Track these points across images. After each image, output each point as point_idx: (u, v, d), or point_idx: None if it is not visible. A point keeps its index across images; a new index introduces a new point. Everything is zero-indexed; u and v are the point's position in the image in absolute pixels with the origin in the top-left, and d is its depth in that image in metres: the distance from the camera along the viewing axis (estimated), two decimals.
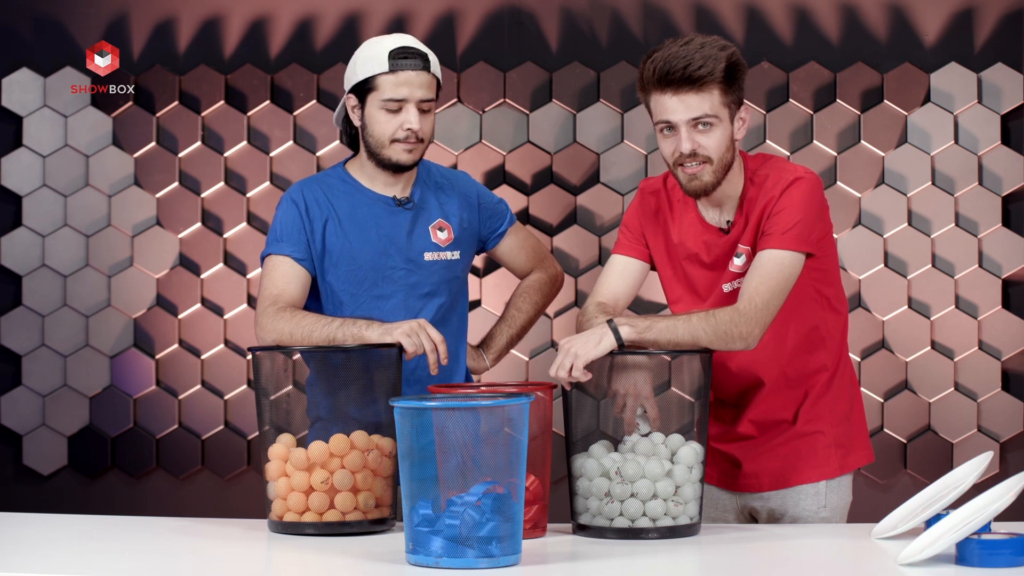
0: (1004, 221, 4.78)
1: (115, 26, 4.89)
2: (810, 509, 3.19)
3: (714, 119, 3.01)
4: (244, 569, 2.69)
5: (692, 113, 2.99)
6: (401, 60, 3.18)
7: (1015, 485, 2.54)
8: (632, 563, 2.63)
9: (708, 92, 3.00)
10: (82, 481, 4.91)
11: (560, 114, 4.84)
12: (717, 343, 2.96)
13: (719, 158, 3.03)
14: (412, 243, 3.26)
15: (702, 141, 3.01)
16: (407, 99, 3.18)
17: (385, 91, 3.18)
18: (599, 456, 2.88)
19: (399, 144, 3.20)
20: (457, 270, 3.32)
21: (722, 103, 3.01)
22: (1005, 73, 4.76)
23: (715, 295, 3.15)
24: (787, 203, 3.04)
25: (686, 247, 3.17)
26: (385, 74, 3.18)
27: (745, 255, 3.10)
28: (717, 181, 3.05)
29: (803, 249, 3.02)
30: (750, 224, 3.09)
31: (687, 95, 2.99)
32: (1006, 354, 4.79)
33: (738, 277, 3.10)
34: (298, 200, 3.24)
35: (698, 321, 2.96)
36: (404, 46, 3.19)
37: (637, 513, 2.83)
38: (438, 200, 3.32)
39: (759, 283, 3.00)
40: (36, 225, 4.89)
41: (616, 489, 2.84)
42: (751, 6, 4.81)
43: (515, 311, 3.49)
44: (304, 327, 3.06)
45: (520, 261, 3.48)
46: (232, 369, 4.88)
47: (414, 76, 3.18)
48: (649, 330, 2.91)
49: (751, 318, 2.97)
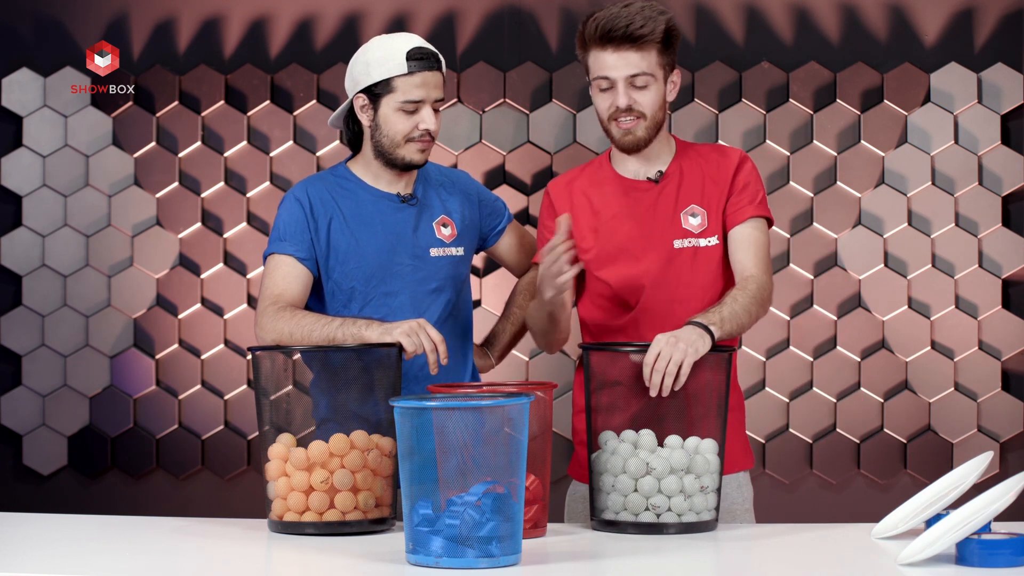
0: (1004, 221, 4.78)
1: (115, 26, 4.89)
2: (736, 500, 3.23)
3: (650, 78, 3.17)
4: (244, 569, 2.69)
5: (631, 70, 3.16)
6: (418, 61, 3.18)
7: (1015, 485, 2.54)
8: (632, 562, 2.63)
9: (647, 51, 3.16)
10: (82, 481, 4.91)
11: (560, 114, 4.84)
12: (759, 312, 3.14)
13: (652, 115, 3.20)
14: (418, 239, 3.27)
15: (638, 97, 3.18)
16: (424, 100, 3.19)
17: (403, 93, 3.18)
18: (624, 453, 2.89)
19: (413, 144, 3.21)
20: (462, 266, 3.33)
21: (658, 63, 3.18)
22: (1005, 73, 4.76)
23: (663, 252, 3.22)
24: (750, 176, 3.25)
25: (608, 208, 3.26)
26: (403, 76, 3.18)
27: (701, 216, 3.23)
28: (649, 138, 3.22)
29: (771, 217, 3.27)
30: (690, 182, 3.24)
31: (627, 52, 3.15)
32: (1006, 354, 4.79)
33: (692, 236, 3.23)
34: (302, 199, 3.24)
35: (744, 298, 3.10)
36: (419, 47, 3.19)
37: (663, 507, 2.85)
38: (440, 197, 3.33)
39: (758, 249, 3.21)
40: (36, 225, 4.89)
41: (644, 484, 2.85)
42: (751, 6, 4.81)
43: (516, 309, 3.50)
44: (304, 327, 3.06)
45: (518, 259, 3.49)
46: (232, 369, 4.87)
47: (430, 77, 3.20)
48: (724, 324, 3.01)
49: (769, 284, 3.19)
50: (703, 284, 3.22)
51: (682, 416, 2.92)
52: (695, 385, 2.92)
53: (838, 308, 4.80)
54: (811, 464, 4.79)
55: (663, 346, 2.89)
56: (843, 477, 4.80)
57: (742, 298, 3.08)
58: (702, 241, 3.22)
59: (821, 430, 4.80)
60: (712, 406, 2.93)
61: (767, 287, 3.16)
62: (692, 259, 3.21)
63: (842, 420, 4.79)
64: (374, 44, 3.23)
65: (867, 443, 4.79)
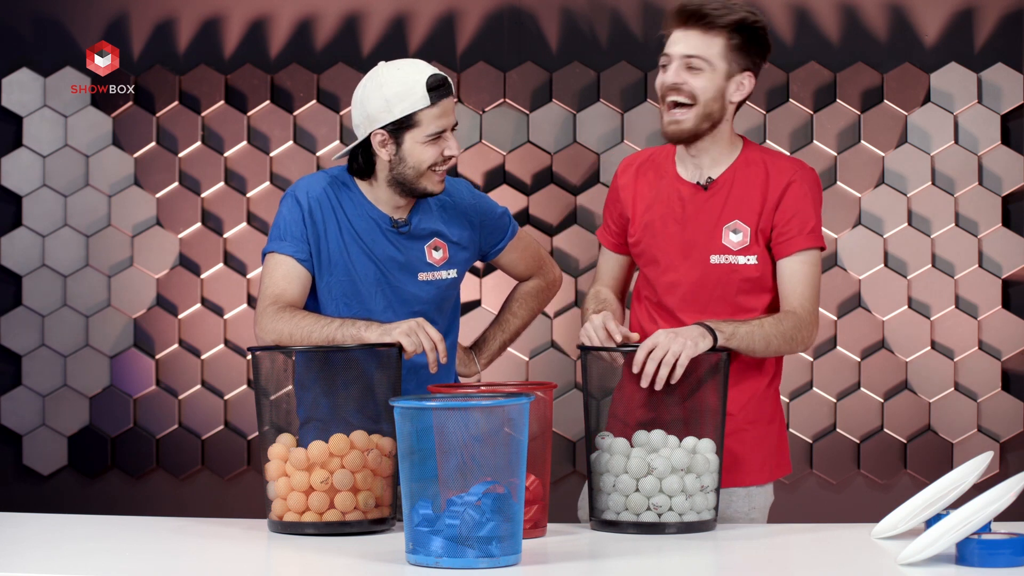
0: (1004, 221, 4.78)
1: (115, 26, 4.89)
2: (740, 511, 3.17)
3: (706, 64, 3.05)
4: (244, 569, 2.69)
5: (688, 50, 3.05)
6: (437, 91, 3.12)
7: (1015, 485, 2.54)
8: (633, 562, 2.63)
9: (712, 36, 3.05)
10: (82, 481, 4.91)
11: (560, 114, 4.84)
12: (785, 348, 3.03)
13: (704, 102, 3.06)
14: (406, 263, 3.23)
15: (689, 79, 3.05)
16: (446, 128, 3.15)
17: (428, 125, 3.12)
18: (624, 452, 2.89)
19: (434, 174, 3.15)
20: (451, 289, 3.29)
21: (722, 54, 3.05)
22: (1005, 73, 4.76)
23: (699, 265, 3.12)
24: (801, 201, 3.09)
25: (661, 204, 3.17)
26: (427, 109, 3.11)
27: (744, 234, 3.10)
28: (697, 129, 3.08)
29: (823, 244, 3.11)
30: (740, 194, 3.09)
31: (692, 31, 3.05)
32: (1006, 354, 4.79)
33: (730, 254, 3.10)
34: (302, 200, 3.22)
35: (770, 327, 3.01)
36: (435, 75, 3.13)
37: (665, 507, 2.85)
38: (436, 219, 3.27)
39: (804, 287, 3.07)
40: (36, 225, 4.89)
41: (646, 484, 2.85)
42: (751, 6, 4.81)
43: (510, 315, 3.48)
44: (304, 327, 3.06)
45: (519, 270, 3.46)
46: (232, 369, 4.88)
47: (448, 103, 3.15)
48: (733, 337, 2.95)
49: (810, 324, 3.06)
50: (740, 303, 3.11)
51: (681, 416, 2.92)
52: (692, 385, 2.92)
53: (838, 308, 4.80)
54: (811, 464, 4.79)
55: (661, 338, 2.89)
56: (843, 477, 4.80)
57: (769, 327, 3.01)
58: (740, 259, 3.10)
59: (821, 430, 4.80)
60: (710, 406, 2.93)
61: (805, 327, 3.05)
62: (728, 276, 3.11)
63: (842, 420, 4.79)
64: (388, 78, 3.13)
65: (867, 443, 4.79)
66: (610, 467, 2.89)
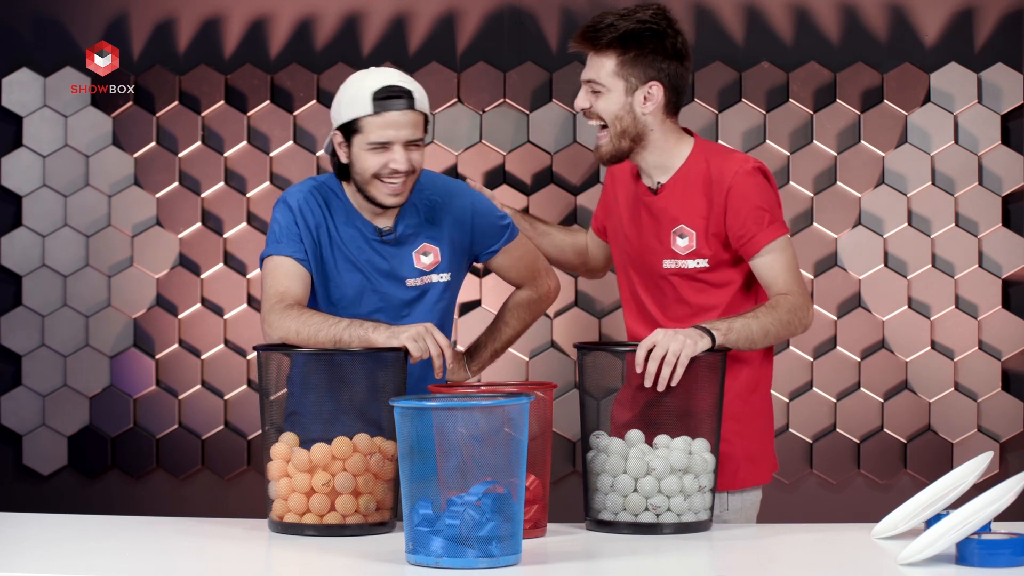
0: (1004, 221, 4.78)
1: (115, 26, 4.89)
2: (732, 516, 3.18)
3: (601, 86, 3.05)
4: (244, 569, 2.69)
5: (587, 74, 3.07)
6: (385, 101, 3.09)
7: (1015, 485, 2.54)
8: (633, 562, 2.63)
9: (602, 57, 3.05)
10: (82, 481, 4.91)
11: (560, 114, 4.84)
12: (784, 332, 3.03)
13: (612, 122, 3.06)
14: (394, 269, 3.22)
15: (594, 102, 3.07)
16: (392, 141, 3.10)
17: (370, 134, 3.09)
18: (621, 452, 2.89)
19: (383, 184, 3.13)
20: (443, 291, 3.27)
21: (614, 72, 3.04)
22: (1005, 73, 4.76)
23: (655, 269, 3.15)
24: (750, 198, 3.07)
25: (627, 210, 3.20)
26: (369, 116, 3.09)
27: (690, 238, 3.10)
28: (617, 149, 3.08)
29: (786, 230, 3.10)
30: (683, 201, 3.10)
31: (590, 56, 3.07)
32: (1006, 354, 4.79)
33: (679, 258, 3.11)
34: (293, 205, 3.22)
35: (765, 316, 3.00)
36: (388, 85, 3.10)
37: (663, 507, 2.85)
38: (426, 224, 3.24)
39: (785, 273, 3.07)
40: (36, 225, 4.89)
41: (645, 485, 2.85)
42: (751, 6, 4.81)
43: (502, 324, 3.45)
44: (311, 326, 3.05)
45: (511, 276, 3.42)
46: (232, 369, 4.87)
47: (399, 117, 3.09)
48: (730, 333, 2.94)
49: (804, 304, 3.05)
50: (701, 304, 3.13)
51: (678, 416, 2.92)
52: (690, 385, 2.92)
53: (838, 308, 4.80)
54: (811, 464, 4.79)
55: (661, 337, 2.89)
56: (843, 477, 4.80)
57: (764, 317, 3.01)
58: (690, 263, 3.12)
59: (821, 430, 4.80)
60: (708, 406, 2.93)
61: (799, 308, 3.04)
62: (680, 280, 3.14)
63: (842, 420, 4.79)
64: (350, 81, 3.16)
65: (867, 443, 4.79)
66: (608, 467, 2.89)
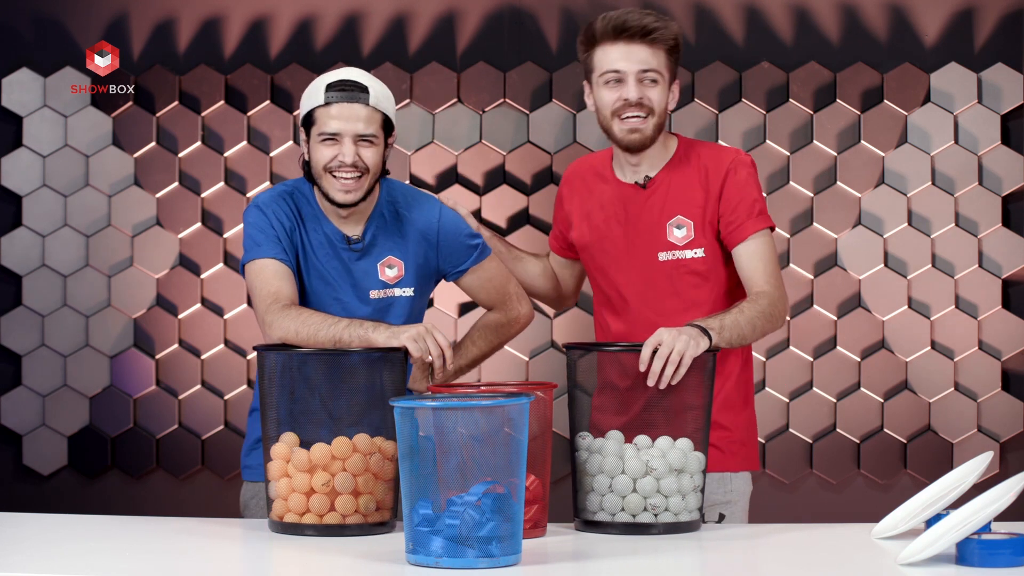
0: (1004, 221, 4.78)
1: (115, 26, 4.89)
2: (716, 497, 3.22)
3: (659, 76, 3.19)
4: (244, 569, 2.69)
5: (643, 65, 3.18)
6: (336, 93, 3.13)
7: (1015, 485, 2.54)
8: (633, 562, 2.63)
9: (657, 50, 3.18)
10: (82, 481, 4.91)
11: (560, 114, 4.84)
12: (767, 326, 3.10)
13: (659, 113, 3.20)
14: (358, 280, 3.23)
15: (647, 92, 3.18)
16: (341, 133, 3.13)
17: (321, 125, 3.14)
18: (616, 453, 2.89)
19: (334, 180, 3.15)
20: (409, 305, 3.27)
21: (666, 66, 3.20)
22: (1005, 73, 4.76)
23: (648, 263, 3.22)
24: (743, 186, 3.20)
25: (604, 209, 3.27)
26: (320, 107, 3.14)
27: (687, 228, 3.20)
28: (655, 137, 3.21)
29: (772, 224, 3.21)
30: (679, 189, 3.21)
31: (639, 47, 3.18)
32: (1006, 354, 4.79)
33: (676, 249, 3.21)
34: (265, 209, 3.23)
35: (750, 310, 3.07)
36: (342, 79, 3.15)
37: (661, 507, 2.85)
38: (392, 236, 3.25)
39: (766, 266, 3.16)
40: (36, 225, 4.89)
41: (645, 485, 2.85)
42: (751, 6, 4.81)
43: (470, 343, 3.42)
44: (311, 326, 3.04)
45: (481, 298, 3.40)
46: (232, 369, 4.88)
47: (349, 109, 3.13)
48: (723, 331, 2.99)
49: (781, 298, 3.15)
50: (693, 298, 3.21)
51: (673, 415, 2.92)
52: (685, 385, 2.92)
53: (838, 308, 4.80)
54: (811, 464, 4.79)
55: (664, 336, 2.89)
56: (843, 477, 4.80)
57: (749, 311, 3.07)
58: (688, 253, 3.21)
59: (821, 430, 4.80)
60: (699, 405, 2.93)
61: (779, 302, 3.14)
62: (677, 272, 3.21)
63: (842, 420, 4.79)
64: (318, 78, 3.21)
65: (867, 443, 4.79)
66: (605, 467, 2.88)
